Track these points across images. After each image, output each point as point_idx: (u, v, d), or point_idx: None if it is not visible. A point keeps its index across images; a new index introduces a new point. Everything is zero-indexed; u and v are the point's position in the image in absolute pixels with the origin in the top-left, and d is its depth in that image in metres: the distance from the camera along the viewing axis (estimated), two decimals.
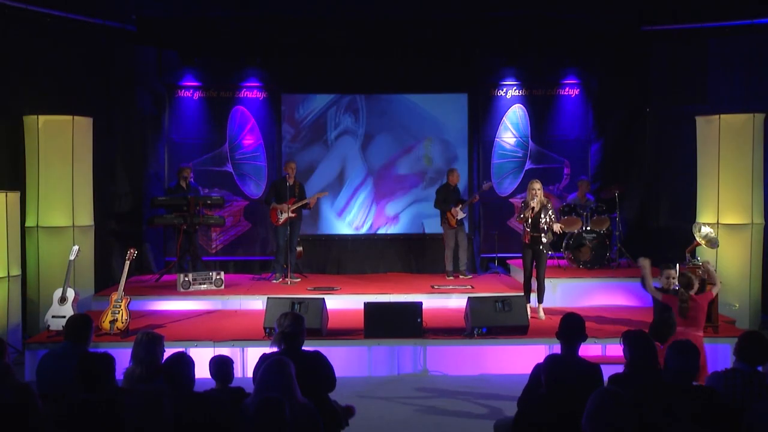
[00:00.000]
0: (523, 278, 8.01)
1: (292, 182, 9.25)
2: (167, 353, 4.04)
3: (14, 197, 7.63)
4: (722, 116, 8.41)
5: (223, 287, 8.86)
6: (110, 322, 6.84)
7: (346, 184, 10.68)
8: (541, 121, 10.75)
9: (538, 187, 7.75)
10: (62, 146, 8.17)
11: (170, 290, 8.71)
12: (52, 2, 8.57)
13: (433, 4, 9.67)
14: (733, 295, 8.05)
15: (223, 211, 10.25)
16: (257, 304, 8.26)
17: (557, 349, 4.31)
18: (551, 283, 8.30)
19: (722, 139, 8.35)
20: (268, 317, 6.85)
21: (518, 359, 6.76)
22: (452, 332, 7.11)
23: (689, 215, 8.82)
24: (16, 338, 7.40)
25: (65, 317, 6.44)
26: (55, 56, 8.77)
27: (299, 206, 9.32)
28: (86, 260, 8.31)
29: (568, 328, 4.21)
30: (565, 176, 10.76)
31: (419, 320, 6.94)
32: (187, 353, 3.87)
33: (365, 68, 10.46)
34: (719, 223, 8.32)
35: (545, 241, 7.73)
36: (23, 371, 6.64)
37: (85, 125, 8.44)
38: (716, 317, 7.08)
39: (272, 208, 9.36)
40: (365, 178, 10.71)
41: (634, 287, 8.78)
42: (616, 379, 3.94)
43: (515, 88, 10.74)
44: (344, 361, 6.62)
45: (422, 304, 7.10)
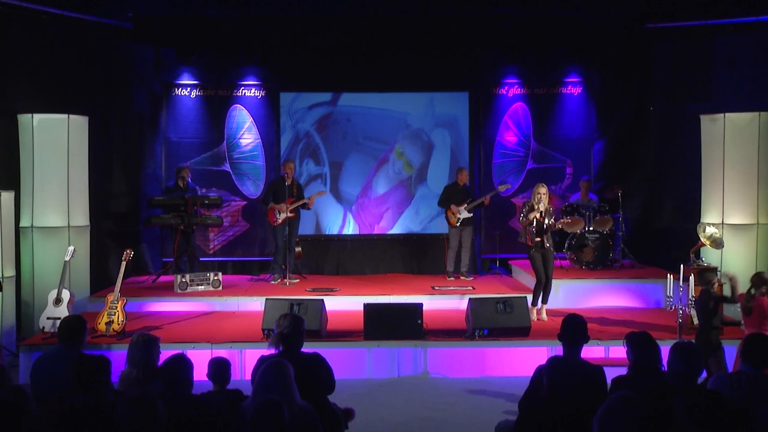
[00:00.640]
0: (535, 282, 7.88)
1: (290, 182, 9.26)
2: (164, 355, 4.04)
3: (8, 197, 7.63)
4: (727, 115, 8.41)
5: (220, 288, 8.86)
6: (106, 323, 6.84)
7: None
8: (543, 119, 10.74)
9: (543, 191, 7.69)
10: (57, 145, 8.17)
11: (167, 291, 8.72)
12: None
13: (434, 1, 9.67)
14: None
15: (220, 211, 10.26)
16: (255, 305, 8.25)
17: (559, 350, 4.31)
18: (554, 283, 8.26)
19: (727, 137, 8.34)
20: (266, 318, 6.86)
21: (520, 361, 6.77)
22: (453, 334, 7.11)
23: (694, 215, 8.82)
24: (10, 340, 7.41)
25: (60, 319, 6.42)
26: (50, 54, 8.76)
27: (298, 206, 9.32)
28: (82, 261, 8.32)
29: (570, 329, 4.22)
30: (567, 176, 10.75)
31: (420, 321, 6.95)
32: (185, 355, 3.87)
33: (365, 66, 10.45)
34: (724, 223, 8.32)
35: (548, 245, 7.74)
36: (18, 373, 6.65)
37: (80, 124, 8.44)
38: (721, 319, 7.05)
39: (270, 208, 9.37)
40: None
41: (637, 288, 8.80)
42: (619, 381, 3.93)
43: (517, 86, 10.72)
44: (344, 363, 6.62)
45: (423, 305, 7.11)
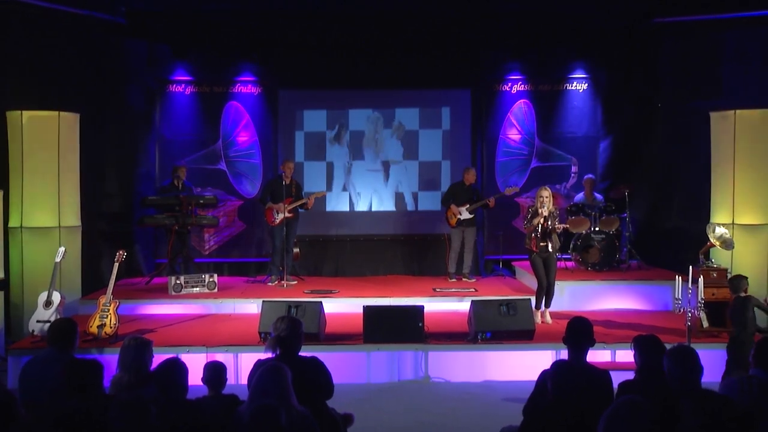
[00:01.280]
0: (537, 287, 7.91)
1: (288, 181, 9.25)
2: (158, 359, 4.03)
3: None
4: (738, 111, 8.37)
5: (216, 290, 8.85)
6: (98, 326, 6.83)
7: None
8: (547, 117, 10.74)
9: (546, 195, 7.67)
10: (48, 143, 8.15)
11: (161, 293, 8.72)
12: None
13: None
14: None
15: (216, 211, 10.25)
16: (252, 307, 8.27)
17: (564, 354, 4.30)
18: (558, 285, 8.27)
19: (738, 135, 8.31)
20: (263, 321, 6.86)
21: (523, 365, 6.73)
22: (455, 337, 7.10)
23: (703, 215, 8.79)
24: None
25: (50, 322, 6.41)
26: (40, 49, 8.75)
27: (296, 206, 9.31)
28: (73, 262, 8.30)
29: (575, 332, 4.20)
30: (572, 175, 10.75)
31: (420, 324, 6.94)
32: (180, 359, 3.87)
33: (365, 63, 10.44)
34: (734, 223, 8.29)
35: (551, 250, 7.73)
36: (6, 378, 6.64)
37: (71, 121, 8.43)
38: (731, 322, 7.05)
39: (268, 208, 9.36)
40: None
41: (644, 290, 8.80)
42: (626, 386, 3.92)
43: (520, 83, 10.72)
44: (342, 367, 6.61)
45: (424, 307, 7.11)
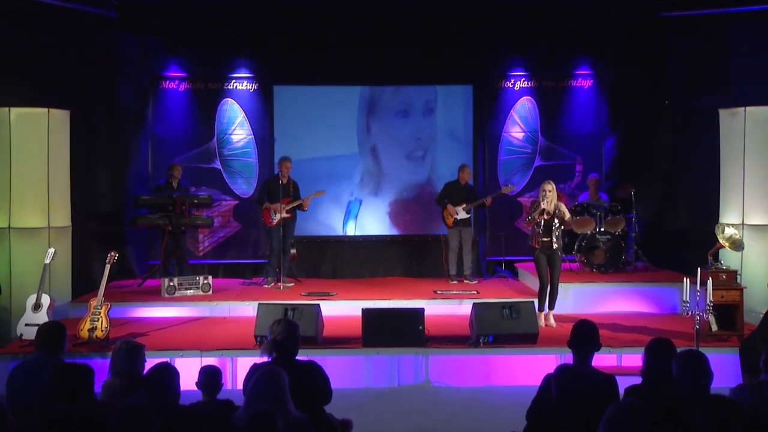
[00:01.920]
0: (539, 287, 7.92)
1: (285, 181, 9.25)
2: (150, 363, 4.03)
3: None
4: (748, 108, 8.36)
5: (211, 292, 8.85)
6: (89, 330, 6.82)
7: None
8: (551, 114, 10.74)
9: (549, 188, 7.69)
10: (37, 141, 8.14)
11: (154, 296, 8.71)
12: None
13: None
14: (759, 301, 8.00)
15: (211, 211, 10.25)
16: (248, 310, 8.26)
17: (569, 358, 4.31)
18: (562, 287, 8.27)
19: (748, 132, 8.31)
20: (259, 324, 6.85)
21: (527, 370, 6.75)
22: (456, 340, 7.10)
23: (711, 215, 8.78)
24: None
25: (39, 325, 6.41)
26: (28, 44, 8.73)
27: (294, 206, 9.31)
28: (63, 264, 8.30)
29: (580, 336, 4.21)
30: (577, 173, 10.75)
31: (421, 328, 6.94)
32: (171, 363, 3.88)
33: (363, 58, 10.45)
34: (744, 224, 8.29)
35: (555, 247, 7.72)
36: None
37: (61, 118, 8.42)
38: (741, 326, 7.08)
39: (265, 208, 9.36)
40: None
41: (651, 292, 8.79)
42: (632, 391, 3.92)
43: (524, 79, 10.73)
44: (341, 371, 6.61)
45: (424, 310, 7.11)
